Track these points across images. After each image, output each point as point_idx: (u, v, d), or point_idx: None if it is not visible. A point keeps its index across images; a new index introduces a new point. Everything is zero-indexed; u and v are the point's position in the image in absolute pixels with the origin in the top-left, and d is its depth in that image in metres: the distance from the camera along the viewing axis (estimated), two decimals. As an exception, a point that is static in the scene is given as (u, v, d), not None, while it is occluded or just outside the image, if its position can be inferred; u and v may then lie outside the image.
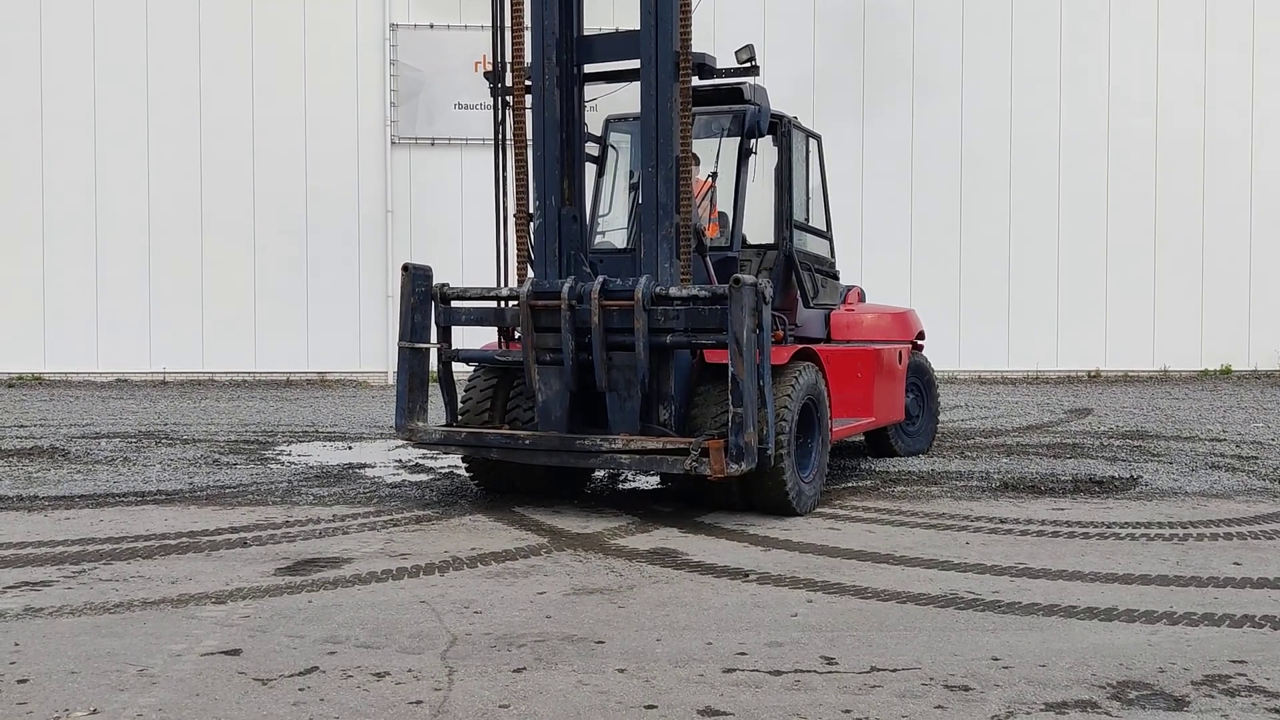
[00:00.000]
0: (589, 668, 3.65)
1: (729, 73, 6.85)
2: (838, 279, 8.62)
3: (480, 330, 7.00)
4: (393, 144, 17.45)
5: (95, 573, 4.93)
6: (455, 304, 6.78)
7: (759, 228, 7.58)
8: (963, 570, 5.04)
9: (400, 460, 8.65)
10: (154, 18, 17.13)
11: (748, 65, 6.78)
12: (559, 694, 3.40)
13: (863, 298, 9.39)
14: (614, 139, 7.77)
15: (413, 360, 6.64)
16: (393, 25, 17.39)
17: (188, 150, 17.18)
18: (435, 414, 7.30)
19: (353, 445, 9.67)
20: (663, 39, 6.08)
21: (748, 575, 4.93)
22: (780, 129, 7.46)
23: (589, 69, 6.63)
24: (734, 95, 7.28)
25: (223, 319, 17.26)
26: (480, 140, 16.21)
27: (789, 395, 6.25)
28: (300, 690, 3.42)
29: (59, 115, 17.06)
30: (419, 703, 3.32)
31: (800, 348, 6.78)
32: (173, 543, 5.55)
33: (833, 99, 17.42)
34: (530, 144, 6.52)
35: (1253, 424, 11.31)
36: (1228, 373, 18.50)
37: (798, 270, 7.58)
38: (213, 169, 17.23)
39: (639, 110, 6.26)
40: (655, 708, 3.29)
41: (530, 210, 6.58)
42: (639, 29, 6.16)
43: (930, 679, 3.54)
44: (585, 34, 6.53)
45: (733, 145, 7.31)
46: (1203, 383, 17.49)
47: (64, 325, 17.12)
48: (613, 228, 7.73)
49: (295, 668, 3.63)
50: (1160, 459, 8.69)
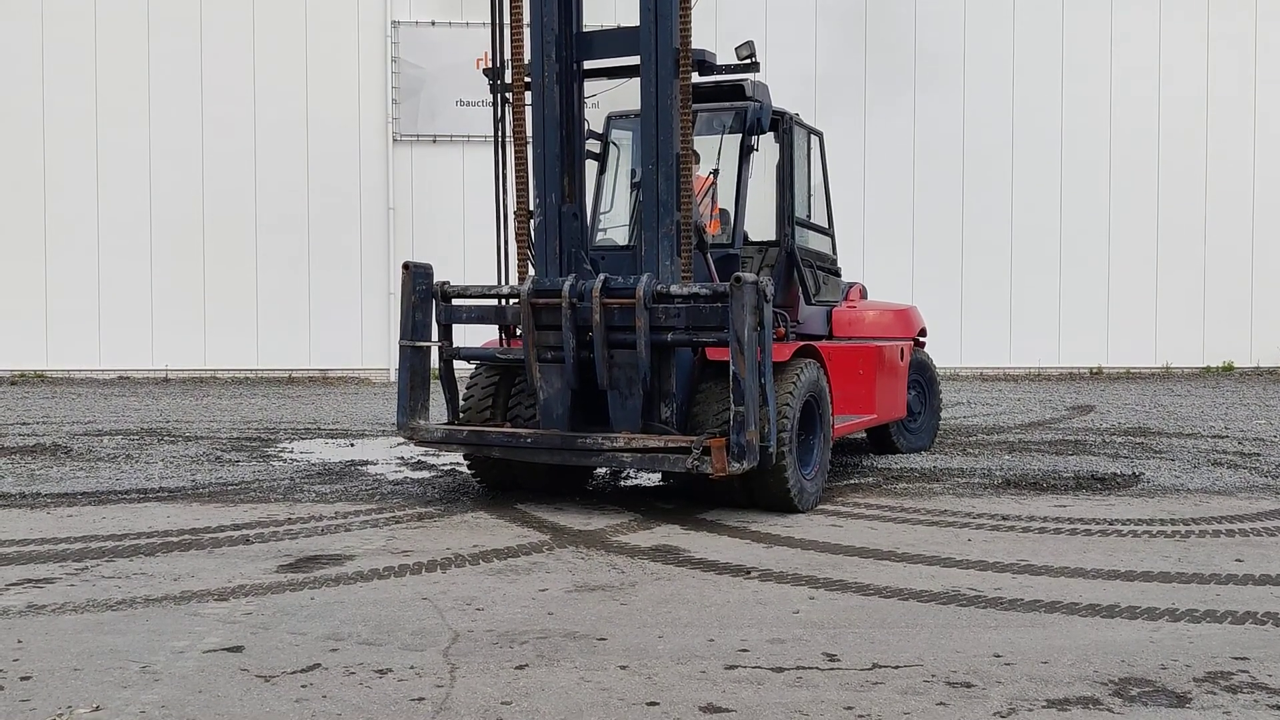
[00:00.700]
0: (591, 665, 3.66)
1: (729, 69, 6.85)
2: (839, 276, 8.62)
3: (481, 328, 6.99)
4: (394, 141, 17.45)
5: (98, 570, 4.94)
6: (456, 302, 6.78)
7: (760, 225, 7.57)
8: (965, 567, 5.04)
9: (402, 457, 8.65)
10: (155, 15, 17.13)
11: (748, 62, 6.78)
12: (561, 691, 3.41)
13: (864, 295, 9.38)
14: (615, 136, 7.76)
15: (414, 358, 6.64)
16: (394, 22, 17.39)
17: (190, 148, 17.18)
18: (437, 412, 7.30)
19: (355, 442, 9.67)
20: (662, 35, 6.07)
21: (750, 572, 4.93)
22: (781, 126, 7.45)
23: (589, 65, 6.62)
24: (735, 92, 7.27)
25: (225, 316, 17.26)
26: (482, 137, 16.20)
27: (791, 393, 6.25)
28: (303, 687, 3.43)
29: (61, 113, 17.06)
30: (421, 700, 3.32)
31: (802, 345, 6.78)
32: (175, 540, 5.56)
33: (834, 95, 17.40)
34: (530, 141, 6.51)
35: (1255, 421, 11.31)
36: (1230, 370, 18.49)
37: (799, 267, 7.57)
38: (215, 166, 17.23)
39: (640, 107, 6.25)
40: (657, 704, 3.29)
41: (531, 207, 6.58)
42: (639, 25, 6.15)
43: (932, 676, 3.54)
44: (585, 30, 6.53)
45: (734, 142, 7.31)
46: (1205, 379, 17.47)
47: (66, 323, 17.13)
48: (614, 225, 7.73)
49: (298, 665, 3.63)
50: (1162, 456, 8.68)
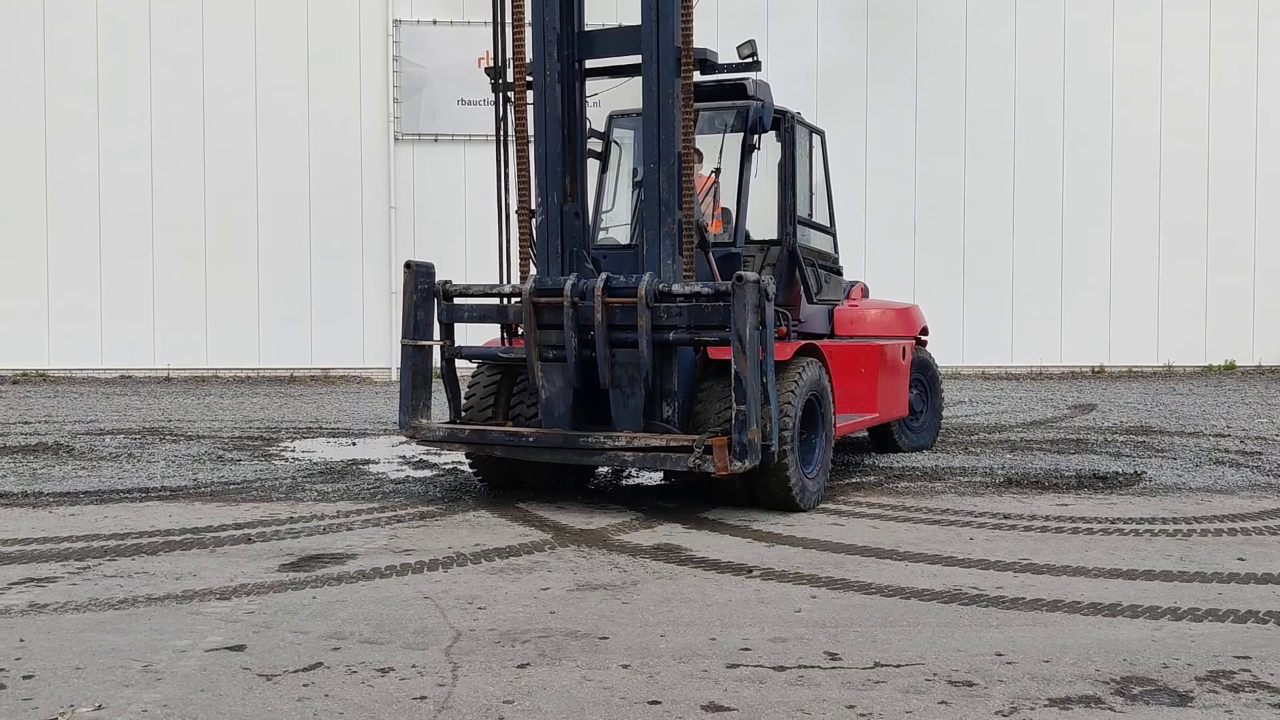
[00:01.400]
0: (593, 663, 3.66)
1: (731, 68, 6.85)
2: (841, 274, 8.62)
3: (483, 327, 7.00)
4: (396, 140, 17.45)
5: (100, 569, 4.94)
6: (458, 301, 6.78)
7: (762, 223, 7.57)
8: (966, 566, 5.04)
9: (404, 456, 8.66)
10: (157, 14, 17.13)
11: (749, 60, 6.78)
12: (563, 690, 3.41)
13: (866, 293, 9.39)
14: (617, 135, 7.76)
15: (416, 357, 6.64)
16: (396, 21, 17.38)
17: (191, 147, 17.17)
18: (439, 411, 7.30)
19: (357, 441, 9.68)
20: (664, 34, 6.07)
21: (751, 571, 4.93)
22: (783, 124, 7.45)
23: (590, 64, 6.62)
24: (737, 91, 7.27)
25: (226, 315, 17.26)
26: (484, 136, 16.19)
27: (792, 391, 6.25)
28: (305, 686, 3.43)
29: (63, 112, 17.06)
30: (423, 698, 3.32)
31: (803, 344, 6.78)
32: (177, 539, 5.56)
33: (836, 94, 17.39)
34: (532, 140, 6.51)
35: (1257, 419, 11.30)
36: (1232, 368, 18.47)
37: (801, 266, 7.57)
38: (216, 165, 17.23)
39: (641, 106, 6.25)
40: (659, 703, 3.29)
41: (533, 206, 6.58)
42: (640, 24, 6.15)
43: (934, 674, 3.54)
44: (586, 29, 6.53)
45: (736, 141, 7.31)
46: (1207, 378, 17.46)
47: (68, 322, 17.13)
48: (616, 224, 7.73)
49: (299, 663, 3.63)
50: (1164, 454, 8.68)
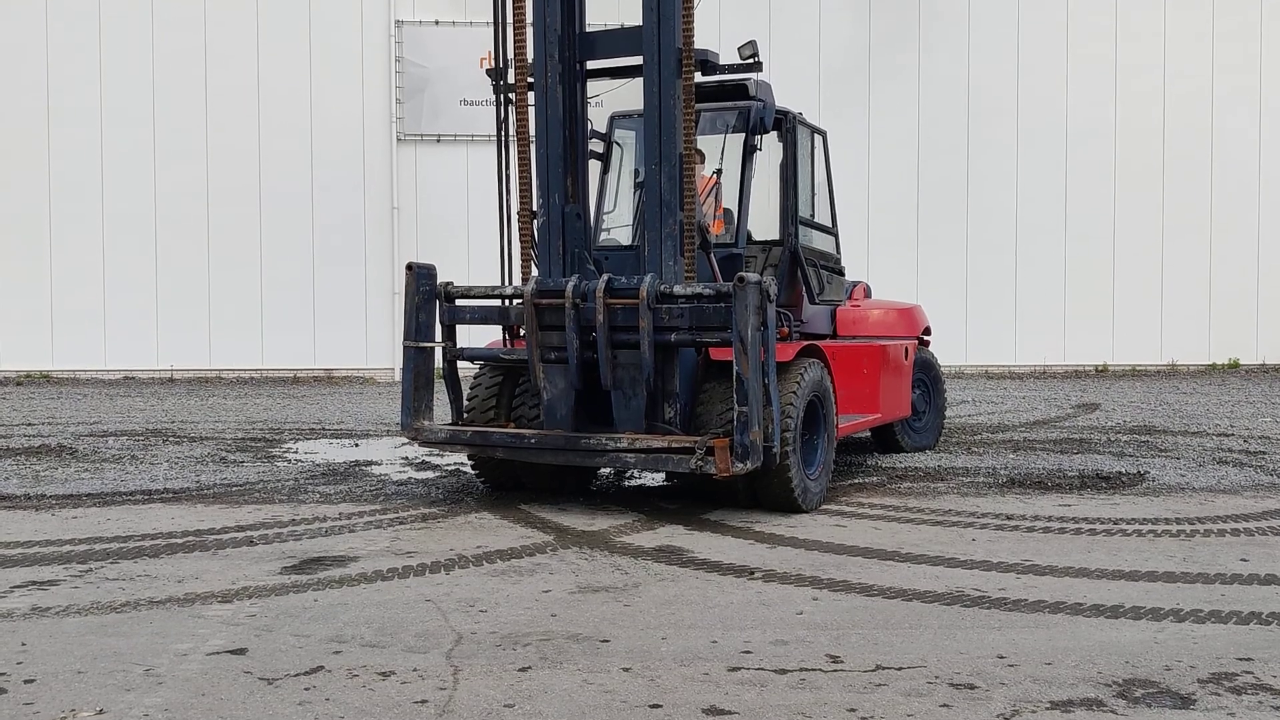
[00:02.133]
0: (594, 666, 3.65)
1: (732, 69, 6.84)
2: (843, 275, 8.61)
3: (485, 328, 6.99)
4: (398, 141, 17.46)
5: (102, 572, 4.95)
6: (460, 302, 6.77)
7: (764, 224, 7.57)
8: (969, 567, 5.03)
9: (406, 458, 8.66)
10: (160, 14, 17.14)
11: (751, 61, 6.77)
12: (564, 693, 3.40)
13: (868, 293, 9.37)
14: (619, 136, 7.76)
15: (418, 359, 6.64)
16: (398, 22, 17.39)
17: (194, 148, 17.19)
18: (441, 412, 7.30)
19: (359, 443, 9.68)
20: (665, 35, 6.07)
21: (753, 573, 4.93)
22: (785, 125, 7.45)
23: (592, 65, 6.62)
24: (738, 91, 7.27)
25: (229, 317, 17.28)
26: (486, 137, 16.18)
27: (794, 392, 6.24)
28: (306, 690, 3.43)
29: (65, 113, 17.07)
30: (424, 702, 3.32)
31: (805, 344, 6.77)
32: (179, 541, 5.56)
33: (838, 94, 17.38)
34: (534, 141, 6.51)
35: (1260, 419, 11.28)
36: (1235, 367, 18.45)
37: (803, 267, 7.57)
38: (219, 166, 17.24)
39: (643, 107, 6.25)
40: (660, 707, 3.29)
41: (534, 207, 6.58)
42: (641, 25, 6.15)
43: (936, 677, 3.54)
44: (587, 30, 6.52)
45: (737, 142, 7.30)
46: (1210, 377, 17.44)
47: (71, 323, 17.15)
48: (618, 225, 7.73)
49: (301, 667, 3.63)
50: (1167, 454, 8.66)
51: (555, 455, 6.30)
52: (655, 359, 6.06)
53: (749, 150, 7.18)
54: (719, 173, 7.35)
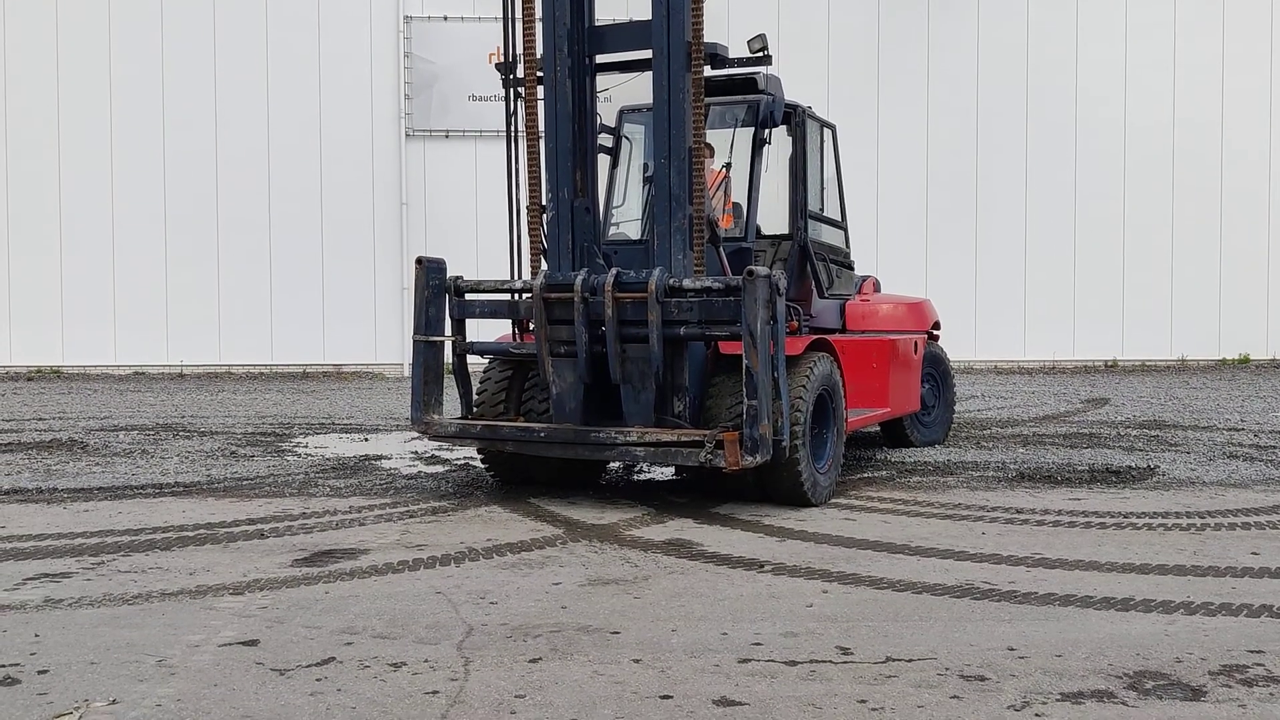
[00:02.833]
0: (604, 658, 3.66)
1: (742, 62, 6.83)
2: (853, 269, 8.60)
3: (495, 322, 7.00)
4: (407, 136, 17.47)
5: (114, 564, 4.97)
6: (469, 297, 6.79)
7: (773, 218, 7.56)
8: (979, 560, 5.03)
9: (416, 452, 8.68)
10: (168, 11, 17.18)
11: (760, 55, 6.76)
12: (574, 684, 3.41)
13: (878, 288, 9.36)
14: (628, 130, 7.76)
15: (427, 353, 6.66)
16: (407, 18, 17.40)
17: (203, 143, 17.23)
18: (451, 406, 7.31)
19: (369, 437, 9.70)
20: (674, 29, 6.06)
21: (763, 566, 4.93)
22: (794, 119, 7.44)
23: (601, 60, 6.62)
24: (748, 85, 7.26)
25: (239, 312, 17.32)
26: (494, 132, 16.18)
27: (804, 386, 6.24)
28: (317, 680, 3.44)
29: (75, 110, 17.12)
30: (435, 693, 3.33)
31: (815, 338, 6.77)
32: (190, 534, 5.58)
33: (847, 88, 17.35)
34: (543, 136, 6.51)
35: (1271, 413, 11.24)
36: (1246, 362, 18.39)
37: (812, 261, 7.56)
38: (228, 162, 17.28)
39: (652, 101, 6.25)
40: (671, 698, 3.30)
41: (543, 202, 6.58)
42: (651, 19, 6.15)
43: (946, 669, 3.54)
44: (597, 24, 6.52)
45: (747, 135, 7.30)
46: (1220, 372, 17.38)
47: (81, 319, 17.21)
48: (627, 219, 7.73)
49: (312, 658, 3.65)
50: (1178, 449, 8.64)
51: (565, 449, 6.31)
52: (664, 353, 6.06)
53: (758, 144, 7.17)
54: (728, 167, 7.34)
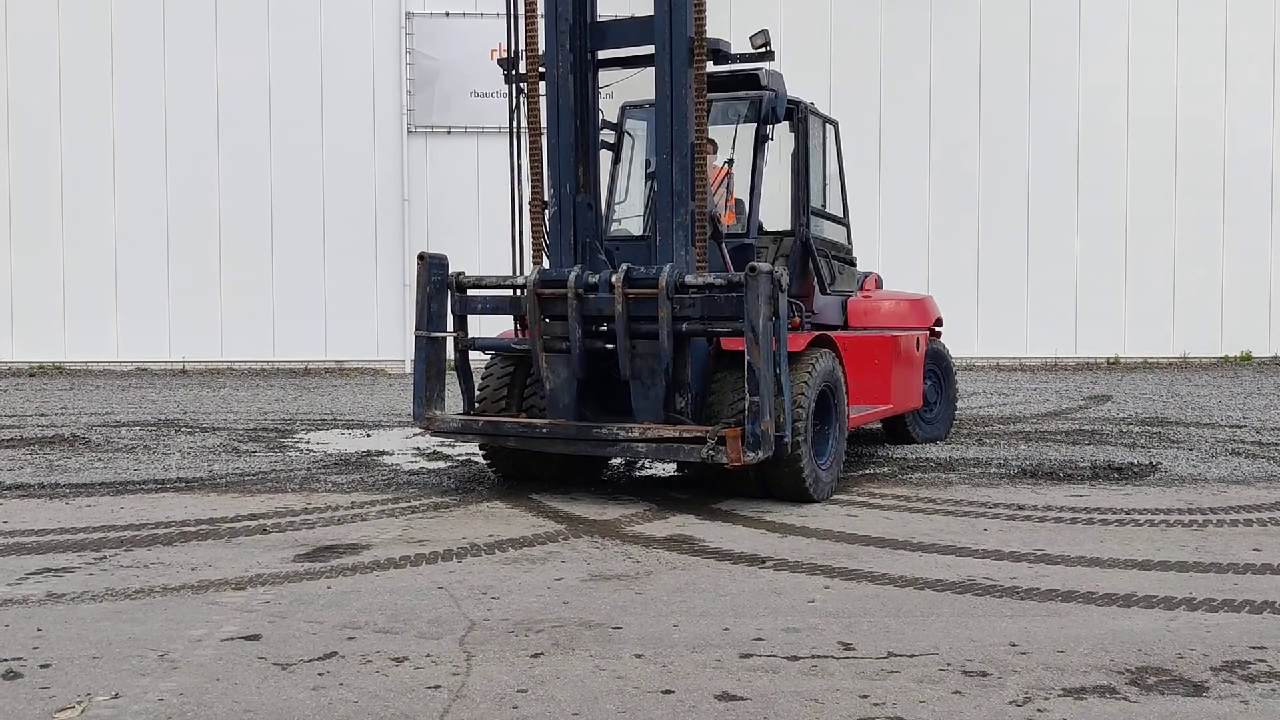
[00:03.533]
0: (606, 653, 3.66)
1: (744, 58, 6.82)
2: (855, 265, 8.60)
3: (497, 318, 7.00)
4: (409, 133, 17.47)
5: (116, 559, 4.97)
6: (471, 292, 6.79)
7: (776, 214, 7.56)
8: (980, 556, 5.03)
9: (418, 447, 8.68)
10: (170, 7, 17.18)
11: (763, 50, 6.75)
12: (576, 679, 3.41)
13: (880, 284, 9.36)
14: (630, 125, 7.76)
15: (429, 349, 6.66)
16: (409, 14, 17.39)
17: (205, 140, 17.23)
18: (453, 402, 7.31)
19: (371, 433, 9.71)
20: (677, 24, 6.06)
21: (765, 561, 4.93)
22: (797, 115, 7.43)
23: (603, 55, 6.61)
24: (750, 81, 7.25)
25: (241, 308, 17.33)
26: (496, 128, 16.16)
27: (806, 383, 6.24)
28: (319, 675, 3.44)
29: (77, 106, 17.12)
30: (437, 687, 3.34)
31: (817, 335, 6.77)
32: (193, 529, 5.59)
33: (850, 84, 17.33)
34: (545, 131, 6.51)
35: (1273, 410, 11.24)
36: (1248, 359, 18.37)
37: (814, 257, 7.56)
38: (230, 158, 17.27)
39: (654, 97, 6.24)
40: (672, 693, 3.30)
41: (545, 198, 6.58)
42: (653, 14, 6.14)
43: (948, 664, 3.54)
44: (599, 20, 6.52)
45: (749, 131, 7.29)
46: (1223, 369, 17.37)
47: (84, 315, 17.22)
48: (629, 215, 7.73)
49: (314, 653, 3.65)
50: (1180, 445, 8.64)
51: (567, 445, 6.31)
52: (678, 349, 6.06)
53: (761, 140, 7.17)
54: (730, 163, 7.34)
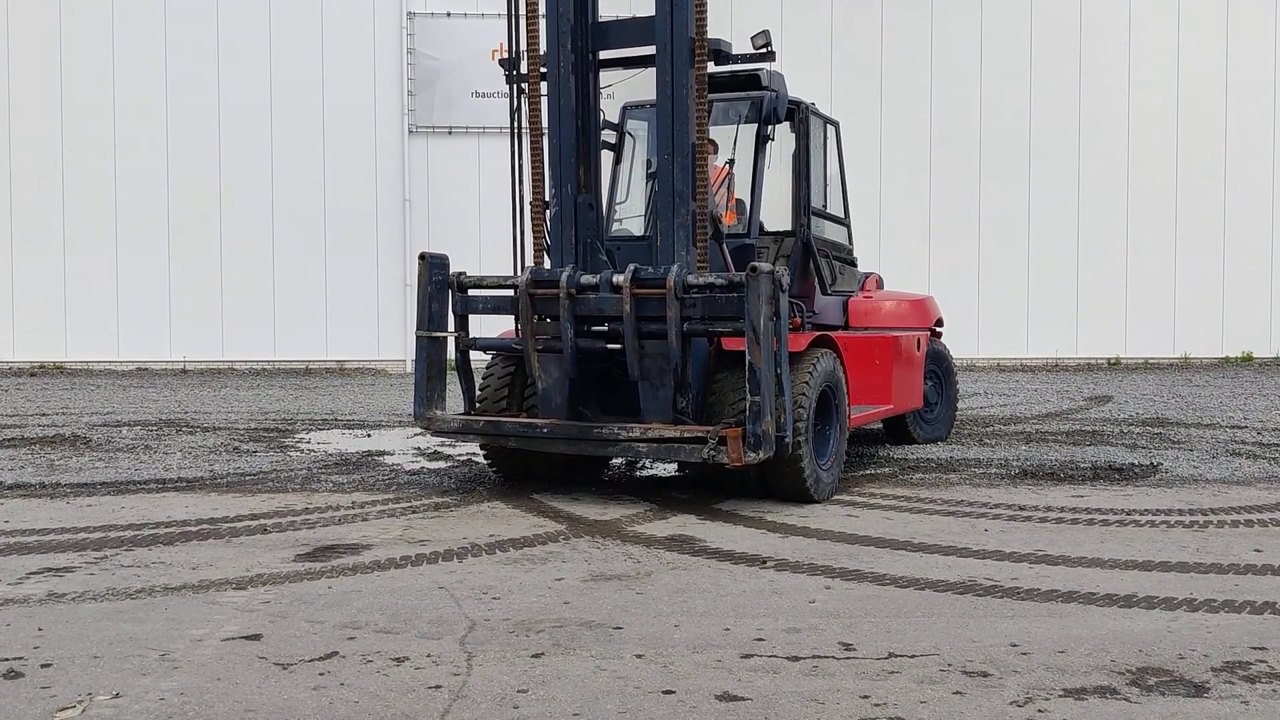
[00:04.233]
0: (607, 653, 3.66)
1: (745, 59, 6.83)
2: (856, 266, 8.60)
3: (498, 317, 7.00)
4: (410, 133, 17.47)
5: (117, 559, 4.98)
6: (472, 292, 6.79)
7: (777, 215, 7.56)
8: (981, 557, 5.02)
9: (419, 447, 8.68)
10: (171, 7, 17.18)
11: (764, 51, 6.76)
12: (577, 679, 3.41)
13: (881, 284, 9.36)
14: (631, 126, 7.76)
15: (430, 349, 6.66)
16: (410, 14, 17.40)
17: (206, 140, 17.24)
18: (454, 402, 7.31)
19: (372, 433, 9.71)
20: (678, 25, 6.06)
21: (765, 562, 4.93)
22: (798, 115, 7.43)
23: (604, 55, 6.61)
24: (751, 81, 7.26)
25: (242, 308, 17.34)
26: (498, 129, 16.18)
27: (807, 383, 6.24)
28: (320, 675, 3.45)
29: (78, 105, 17.13)
30: (438, 687, 3.34)
31: (818, 335, 6.77)
32: (193, 529, 5.59)
33: (850, 84, 17.34)
34: (546, 132, 6.51)
35: (1274, 411, 11.23)
36: (1249, 360, 18.36)
37: (815, 257, 7.56)
38: (231, 158, 17.29)
39: (655, 97, 6.24)
40: (673, 693, 3.30)
41: (546, 198, 6.58)
42: (654, 15, 6.14)
43: (948, 665, 3.54)
44: (600, 20, 6.52)
45: (750, 132, 7.30)
46: (1224, 370, 17.36)
47: (85, 315, 17.23)
48: (630, 215, 7.73)
49: (315, 653, 3.65)
50: (1181, 446, 8.64)
51: (568, 445, 6.31)
52: (682, 349, 6.06)
53: (761, 140, 7.18)
54: (731, 163, 7.34)
